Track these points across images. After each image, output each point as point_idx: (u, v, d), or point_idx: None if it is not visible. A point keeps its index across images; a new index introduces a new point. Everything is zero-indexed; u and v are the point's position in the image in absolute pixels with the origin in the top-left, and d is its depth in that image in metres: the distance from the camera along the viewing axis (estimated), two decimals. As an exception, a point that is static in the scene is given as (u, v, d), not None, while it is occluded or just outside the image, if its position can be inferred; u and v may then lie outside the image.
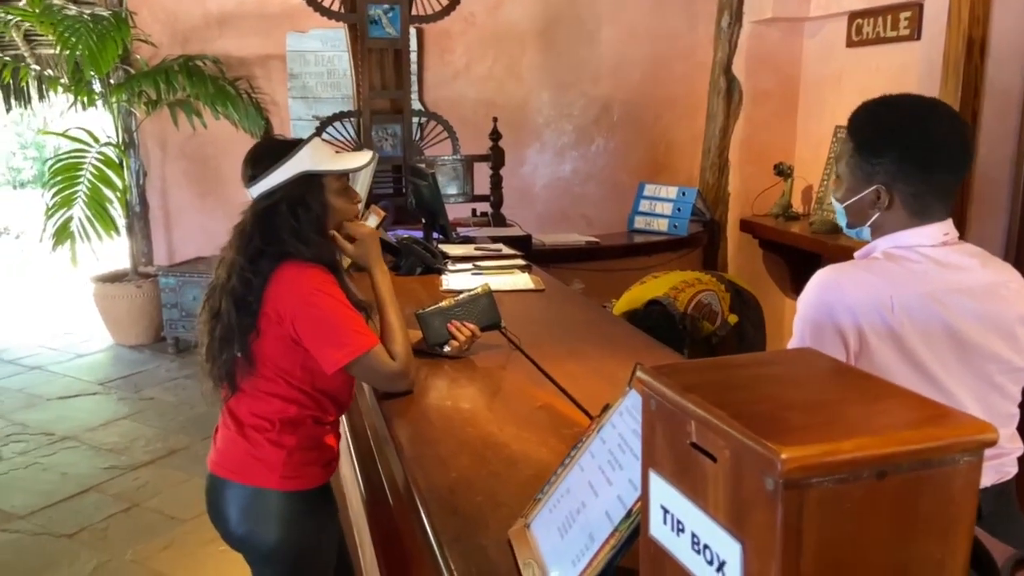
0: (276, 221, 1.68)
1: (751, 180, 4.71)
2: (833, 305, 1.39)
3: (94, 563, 2.94)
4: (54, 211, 5.02)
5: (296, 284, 1.65)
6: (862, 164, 1.46)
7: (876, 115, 1.47)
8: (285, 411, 1.71)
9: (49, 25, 4.76)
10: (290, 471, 1.72)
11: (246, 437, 1.73)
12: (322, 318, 1.64)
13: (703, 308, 3.02)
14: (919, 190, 1.42)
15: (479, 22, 5.12)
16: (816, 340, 1.41)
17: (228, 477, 1.74)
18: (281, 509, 1.72)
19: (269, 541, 1.73)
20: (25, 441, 3.95)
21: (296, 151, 1.71)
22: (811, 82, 4.57)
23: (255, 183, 1.71)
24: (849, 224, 1.53)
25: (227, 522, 1.75)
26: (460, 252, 3.01)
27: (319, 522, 1.79)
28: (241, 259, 1.68)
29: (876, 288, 1.39)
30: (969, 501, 0.68)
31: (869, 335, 1.38)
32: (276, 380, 1.71)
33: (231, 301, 1.67)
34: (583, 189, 5.37)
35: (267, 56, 5.36)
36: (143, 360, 5.16)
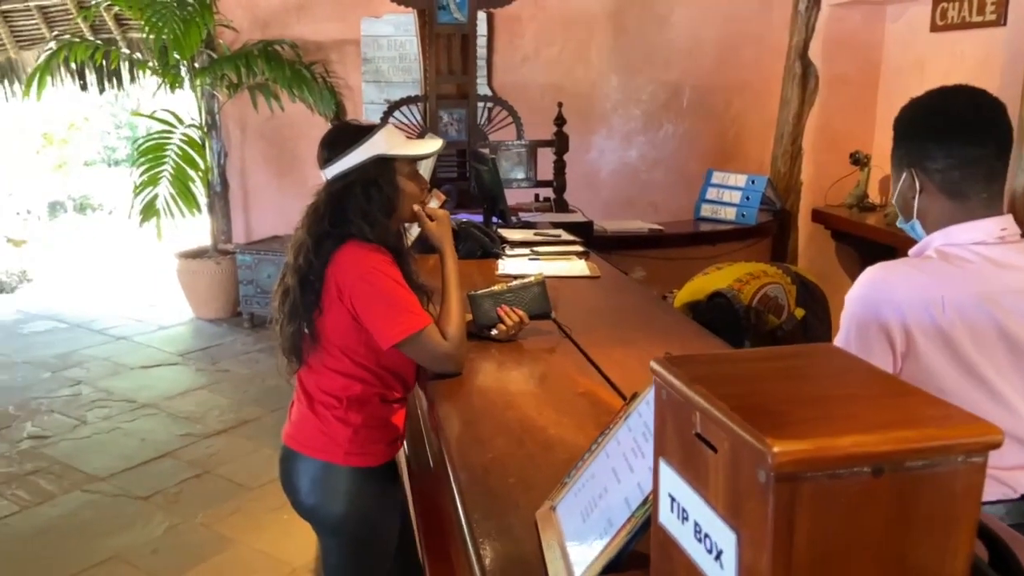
0: (349, 201, 1.75)
1: (825, 169, 4.58)
2: (880, 303, 1.36)
3: (166, 525, 3.10)
4: (141, 189, 5.26)
5: (356, 263, 1.72)
6: (895, 153, 1.47)
7: (906, 106, 1.47)
8: (350, 388, 1.79)
9: (137, 10, 4.98)
10: (356, 447, 1.80)
11: (316, 413, 1.81)
12: (378, 296, 1.70)
13: (769, 301, 2.97)
14: (944, 165, 1.39)
15: (549, 6, 5.11)
16: (861, 338, 1.38)
17: (299, 450, 1.83)
18: (347, 484, 1.80)
19: (335, 514, 1.82)
20: (109, 407, 4.18)
21: (371, 135, 1.78)
22: (892, 68, 4.40)
23: (330, 165, 1.78)
24: (902, 219, 1.50)
25: (297, 492, 1.84)
26: (519, 237, 3.04)
27: (383, 498, 1.87)
28: (308, 238, 1.76)
29: (926, 287, 1.36)
30: (972, 503, 0.67)
31: (917, 335, 1.35)
32: (341, 358, 1.78)
33: (296, 278, 1.75)
34: (650, 176, 5.32)
35: (342, 41, 5.47)
36: (220, 333, 5.38)
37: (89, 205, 9.69)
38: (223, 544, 2.98)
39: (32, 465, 3.55)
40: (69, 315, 5.77)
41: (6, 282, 6.56)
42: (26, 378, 4.57)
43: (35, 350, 5.03)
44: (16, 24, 5.90)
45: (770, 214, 4.62)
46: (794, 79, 4.68)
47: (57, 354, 4.95)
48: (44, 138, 9.86)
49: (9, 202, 9.07)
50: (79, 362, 4.83)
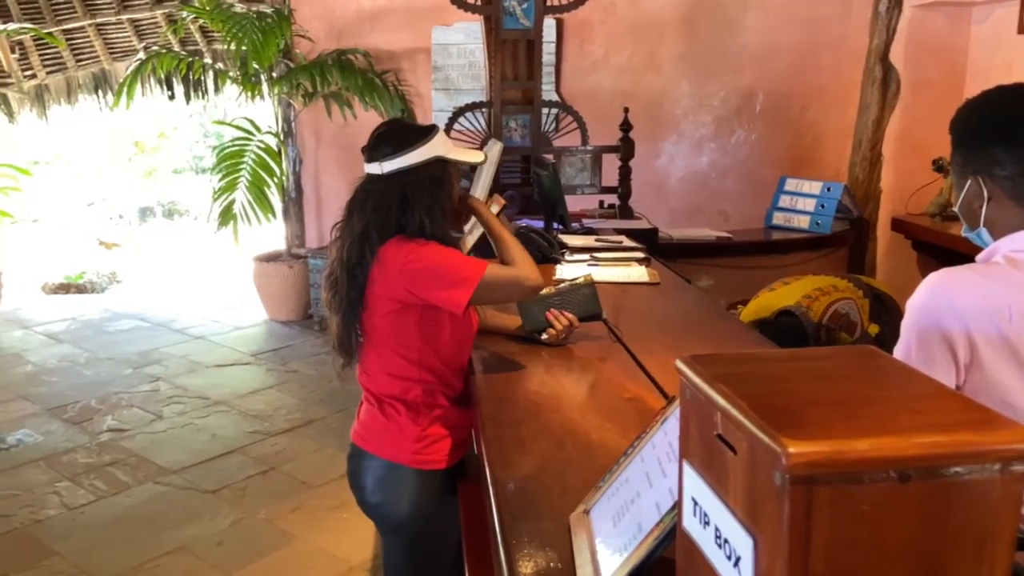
0: (416, 196, 1.77)
1: (906, 176, 4.40)
2: (942, 311, 1.29)
3: (231, 519, 3.19)
4: (220, 195, 5.45)
5: (395, 258, 1.74)
6: (957, 159, 1.38)
7: (966, 107, 1.39)
8: (410, 391, 1.80)
9: (220, 22, 5.17)
10: (422, 449, 1.81)
11: (384, 414, 1.83)
12: (430, 269, 1.73)
13: (840, 318, 2.85)
14: (1014, 171, 1.30)
15: (619, 11, 5.08)
16: (922, 347, 1.31)
17: (367, 448, 1.86)
18: (412, 485, 1.82)
19: (398, 514, 1.83)
20: (184, 403, 4.34)
21: (431, 137, 1.82)
22: (978, 71, 4.20)
23: (392, 159, 1.79)
24: (967, 228, 1.42)
25: (363, 491, 1.87)
26: (579, 243, 3.02)
27: (447, 501, 1.87)
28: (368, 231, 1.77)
29: (992, 294, 1.28)
30: (1011, 516, 0.63)
31: (981, 344, 1.27)
32: (393, 358, 1.80)
33: (345, 272, 1.78)
34: (721, 183, 5.21)
35: (414, 49, 5.56)
36: (292, 335, 5.52)
37: (176, 211, 10.10)
38: (284, 539, 3.05)
39: (110, 457, 3.70)
40: (152, 315, 6.02)
41: (96, 283, 6.88)
42: (109, 373, 4.78)
43: (119, 347, 5.26)
44: (109, 37, 6.21)
45: (847, 223, 4.46)
46: (874, 83, 4.52)
47: (139, 351, 5.17)
48: (135, 146, 10.34)
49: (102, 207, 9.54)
50: (159, 359, 5.02)
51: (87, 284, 6.83)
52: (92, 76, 6.31)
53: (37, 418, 4.14)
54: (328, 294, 1.83)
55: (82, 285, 6.80)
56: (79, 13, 6.07)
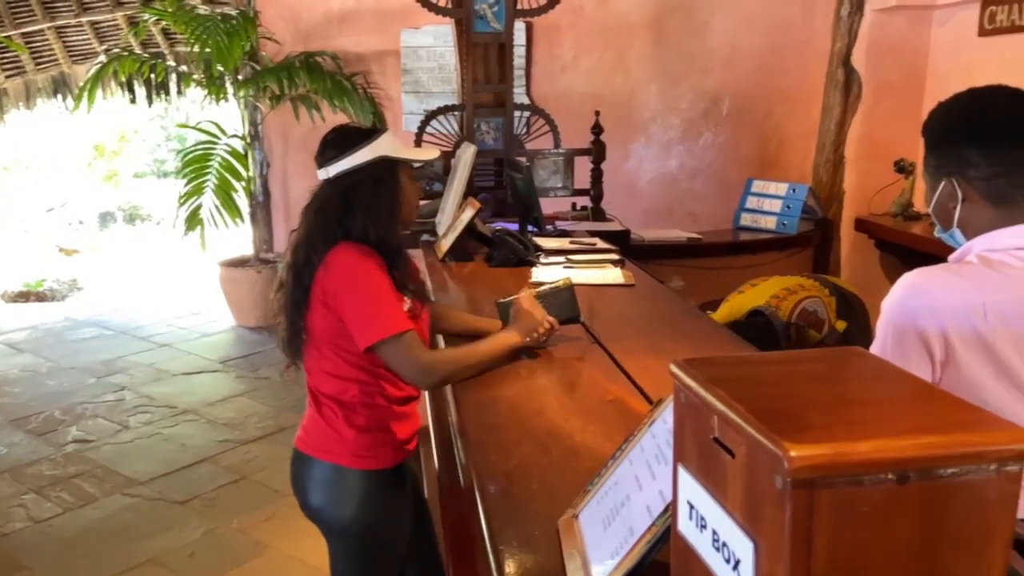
0: (356, 198, 1.77)
1: (869, 177, 4.48)
2: (917, 309, 1.32)
3: (203, 529, 3.14)
4: (186, 199, 5.36)
5: (344, 265, 1.73)
6: (931, 162, 1.41)
7: (938, 111, 1.41)
8: (347, 391, 1.79)
9: (183, 24, 5.09)
10: (362, 450, 1.80)
11: (322, 415, 1.82)
12: (360, 298, 1.71)
13: (808, 316, 2.90)
14: (988, 172, 1.33)
15: (588, 15, 5.10)
16: (898, 346, 1.33)
17: (307, 452, 1.84)
18: (354, 486, 1.80)
19: (342, 516, 1.81)
20: (150, 412, 4.26)
21: (377, 136, 1.82)
22: (939, 74, 4.29)
23: (335, 162, 1.80)
24: (941, 228, 1.45)
25: (305, 495, 1.85)
26: (554, 245, 3.02)
27: (391, 502, 1.86)
28: (312, 235, 1.77)
29: (967, 293, 1.30)
30: (1007, 515, 0.64)
31: (956, 342, 1.30)
32: (333, 359, 1.79)
33: (291, 274, 1.78)
34: (690, 185, 5.26)
35: (383, 52, 5.53)
36: (261, 341, 5.44)
37: (138, 215, 9.93)
38: (258, 549, 3.01)
39: (76, 468, 3.62)
40: (115, 322, 5.91)
41: (57, 290, 6.74)
42: (72, 383, 4.68)
43: (82, 356, 5.15)
44: (69, 40, 6.09)
45: (811, 223, 4.53)
46: (837, 86, 4.60)
47: (103, 360, 5.06)
48: (96, 150, 10.14)
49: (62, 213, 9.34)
50: (123, 368, 4.93)
51: (47, 292, 6.68)
52: (52, 80, 6.18)
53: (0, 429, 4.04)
54: (275, 295, 1.83)
55: (42, 293, 6.65)
56: (38, 16, 5.93)
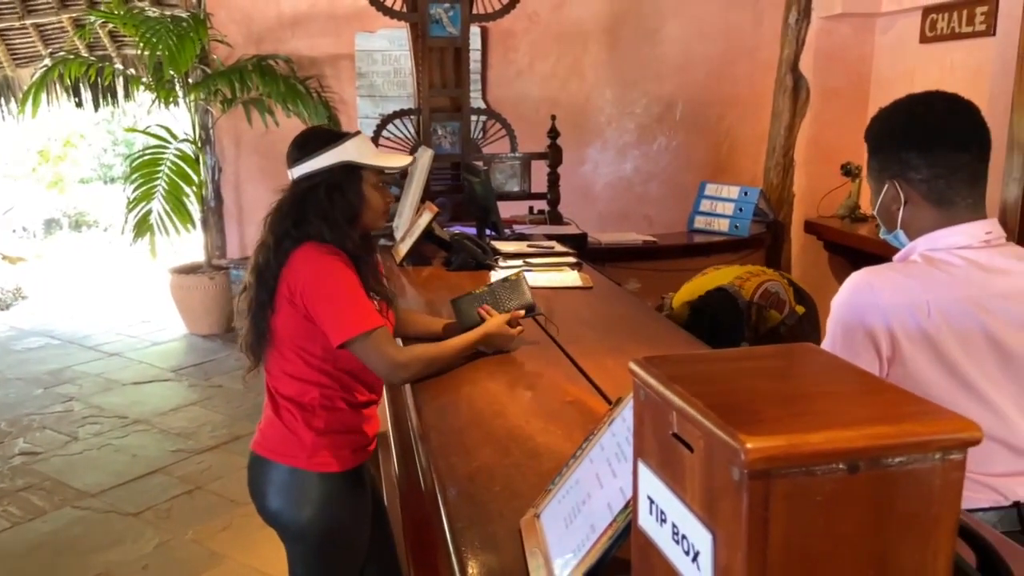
0: (311, 202, 1.78)
1: (817, 180, 4.60)
2: (864, 308, 1.36)
3: (156, 541, 3.08)
4: (135, 205, 5.25)
5: (310, 262, 1.73)
6: (873, 166, 1.46)
7: (878, 117, 1.47)
8: (307, 393, 1.79)
9: (132, 27, 4.99)
10: (320, 452, 1.79)
11: (280, 418, 1.81)
12: (331, 295, 1.72)
13: (770, 296, 2.95)
14: (928, 175, 1.38)
15: (543, 21, 5.14)
16: (847, 343, 1.37)
17: (265, 455, 1.83)
18: (313, 489, 1.79)
19: (299, 519, 1.80)
20: (100, 423, 4.16)
21: (342, 141, 1.81)
22: (883, 80, 4.42)
23: (298, 165, 1.81)
24: (885, 230, 1.50)
25: (263, 497, 1.84)
26: (512, 249, 3.03)
27: (349, 504, 1.85)
28: (270, 236, 1.78)
29: (911, 291, 1.35)
30: (951, 501, 0.67)
31: (902, 340, 1.34)
32: (295, 360, 1.78)
33: (254, 276, 1.78)
34: (645, 188, 5.33)
35: (337, 56, 5.49)
36: (214, 349, 5.36)
37: (85, 222, 9.70)
38: (214, 560, 2.96)
39: (23, 481, 3.52)
40: (62, 331, 5.76)
41: (1, 299, 6.54)
42: (19, 394, 4.55)
43: (28, 366, 5.01)
44: (12, 42, 5.92)
45: (763, 226, 4.63)
46: (785, 92, 4.70)
47: (50, 370, 4.93)
48: (40, 155, 9.88)
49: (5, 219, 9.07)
50: (71, 378, 4.80)
51: (-9, 300, 6.48)
52: (-7, 82, 6.01)
53: (-60, 443, 3.91)
54: (240, 297, 1.83)
55: (-15, 302, 6.45)
56: (-22, 17, 5.77)
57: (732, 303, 2.83)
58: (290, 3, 5.45)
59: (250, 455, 1.88)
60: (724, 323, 2.57)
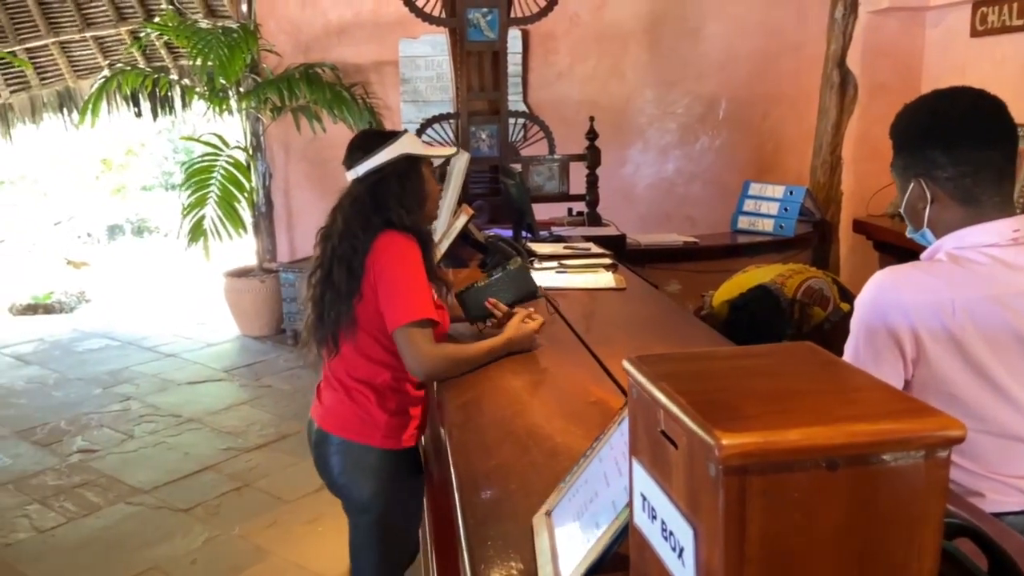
0: (386, 191, 1.93)
1: (866, 179, 4.50)
2: (887, 307, 1.34)
3: (205, 536, 3.17)
4: (189, 210, 5.42)
5: (389, 248, 1.88)
6: (898, 163, 1.44)
7: (904, 112, 1.44)
8: (380, 375, 1.92)
9: (185, 38, 5.15)
10: (391, 432, 1.94)
11: (353, 399, 1.94)
12: (397, 279, 1.85)
13: (813, 293, 2.90)
14: (954, 173, 1.35)
15: (583, 22, 5.14)
16: (869, 343, 1.35)
17: (334, 432, 1.96)
18: (379, 465, 1.94)
19: (365, 493, 1.96)
20: (155, 422, 4.30)
21: (399, 137, 2.00)
22: (933, 75, 4.31)
23: (363, 162, 1.96)
24: (912, 229, 1.47)
25: (331, 472, 1.99)
26: (548, 251, 3.05)
27: (410, 480, 2.01)
28: (355, 226, 1.91)
29: (935, 290, 1.32)
30: (936, 500, 0.66)
31: (926, 339, 1.32)
32: (373, 344, 1.92)
33: (342, 265, 1.90)
34: (687, 189, 5.28)
35: (381, 62, 5.58)
36: (265, 350, 5.49)
37: (146, 228, 10.00)
38: (259, 555, 3.03)
39: (80, 478, 3.66)
40: (122, 333, 5.96)
41: (65, 303, 6.80)
42: (79, 394, 4.73)
43: (88, 367, 5.20)
44: (73, 54, 6.17)
45: (809, 225, 4.54)
46: (832, 88, 4.61)
47: (109, 371, 5.11)
48: (103, 164, 10.24)
49: (70, 226, 9.43)
50: (129, 378, 4.98)
51: (55, 304, 6.74)
52: (57, 94, 6.26)
53: (5, 441, 4.08)
54: (316, 289, 1.94)
55: (50, 305, 6.71)
56: (42, 31, 6.02)
57: (773, 301, 2.78)
58: (336, 12, 5.55)
59: (316, 432, 2.00)
60: (764, 321, 2.54)
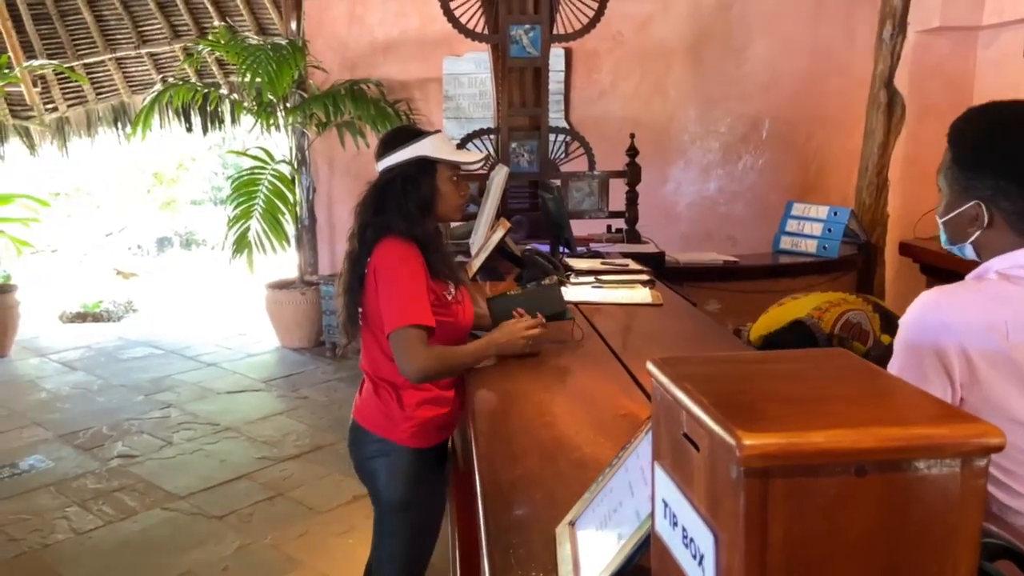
0: (389, 192, 1.92)
1: (914, 201, 4.39)
2: (934, 327, 1.28)
3: (237, 544, 3.18)
4: (234, 223, 5.51)
5: (388, 255, 1.87)
6: (959, 177, 1.33)
7: (975, 124, 1.33)
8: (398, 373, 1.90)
9: (235, 54, 5.27)
10: (411, 429, 1.94)
11: (379, 395, 1.97)
12: (394, 284, 1.84)
13: (852, 328, 2.83)
14: (1022, 207, 1.28)
15: (627, 40, 5.14)
16: (912, 363, 1.30)
17: (364, 425, 2.00)
18: (401, 460, 1.95)
19: (388, 486, 1.96)
20: (193, 429, 4.35)
21: (421, 138, 1.95)
22: (985, 96, 4.16)
23: (382, 159, 1.97)
24: (949, 240, 1.41)
25: (359, 461, 2.02)
26: (585, 266, 3.03)
27: (433, 478, 2.01)
28: (355, 225, 1.95)
29: (987, 310, 1.27)
30: (973, 510, 0.62)
31: (978, 361, 1.26)
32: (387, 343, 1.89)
33: (348, 262, 1.94)
34: (729, 208, 5.22)
35: (425, 79, 5.64)
36: (303, 362, 5.54)
37: (194, 241, 10.22)
38: (290, 565, 3.04)
39: (119, 482, 3.72)
40: (165, 342, 6.07)
41: (113, 311, 6.97)
42: (121, 400, 4.82)
43: (132, 374, 5.30)
44: (128, 70, 6.36)
45: (854, 247, 4.45)
46: (879, 109, 4.53)
47: (151, 378, 5.20)
48: (155, 177, 10.51)
49: (121, 237, 9.68)
50: (170, 386, 5.06)
51: (103, 313, 6.91)
52: (112, 108, 6.45)
53: (49, 444, 4.17)
54: (337, 281, 2.00)
55: (99, 314, 6.88)
56: (99, 47, 6.22)
57: (810, 338, 2.73)
58: (383, 30, 5.64)
59: (351, 421, 2.04)
60: None
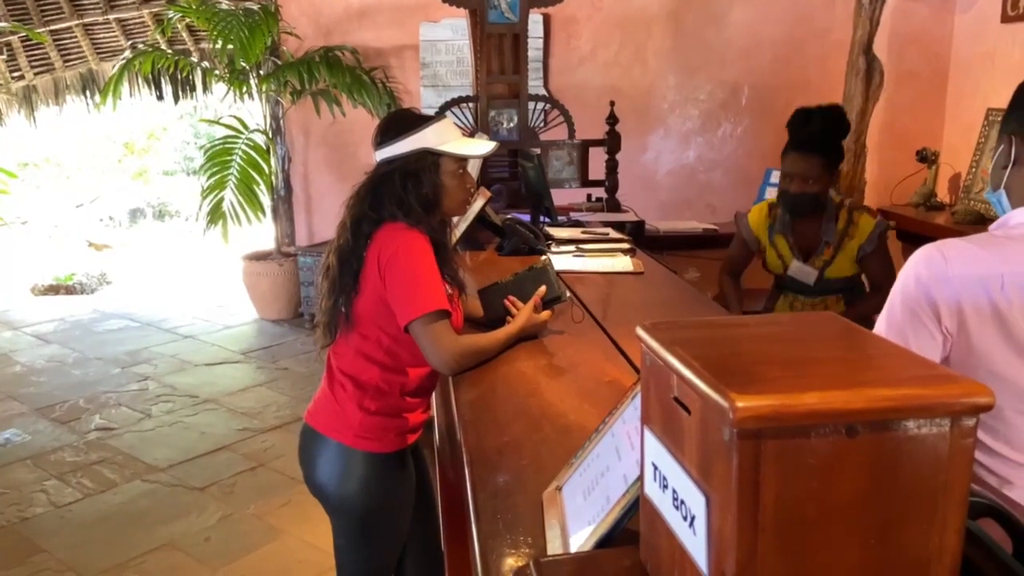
0: (386, 188, 1.79)
1: (891, 167, 4.42)
2: (930, 279, 1.29)
3: (219, 515, 3.18)
4: (208, 193, 5.42)
5: (395, 239, 1.75)
6: (1004, 119, 1.36)
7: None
8: (368, 371, 1.81)
9: (205, 20, 5.16)
10: (366, 432, 1.82)
11: (333, 394, 1.84)
12: (407, 271, 1.72)
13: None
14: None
15: (606, 7, 5.09)
16: (907, 314, 1.31)
17: (315, 428, 1.87)
18: (355, 467, 1.82)
19: (342, 494, 1.84)
20: (172, 402, 4.33)
21: (422, 127, 1.81)
22: (962, 61, 4.22)
23: (380, 149, 1.83)
24: (990, 188, 1.41)
25: (310, 468, 1.88)
26: (566, 235, 3.02)
27: (391, 485, 1.87)
28: (348, 219, 1.80)
29: (985, 263, 1.27)
30: (961, 472, 0.63)
31: (969, 313, 1.27)
32: (369, 339, 1.80)
33: (336, 257, 1.80)
34: (708, 176, 5.22)
35: (401, 46, 5.55)
36: (282, 333, 5.51)
37: (167, 212, 10.07)
38: (272, 534, 3.04)
39: (97, 455, 3.69)
40: (141, 314, 6.00)
41: (86, 284, 6.86)
42: (98, 373, 4.77)
43: (108, 347, 5.24)
44: (96, 37, 6.19)
45: (832, 214, 4.47)
46: (857, 75, 4.52)
47: (128, 351, 5.15)
48: (125, 148, 10.31)
49: (92, 209, 9.51)
50: (148, 359, 5.01)
51: (77, 285, 6.80)
52: (80, 76, 6.29)
53: (25, 418, 4.13)
54: (320, 277, 1.85)
55: (72, 286, 6.78)
56: (66, 13, 6.04)
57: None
58: (358, -5, 5.54)
59: (303, 426, 1.93)
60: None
